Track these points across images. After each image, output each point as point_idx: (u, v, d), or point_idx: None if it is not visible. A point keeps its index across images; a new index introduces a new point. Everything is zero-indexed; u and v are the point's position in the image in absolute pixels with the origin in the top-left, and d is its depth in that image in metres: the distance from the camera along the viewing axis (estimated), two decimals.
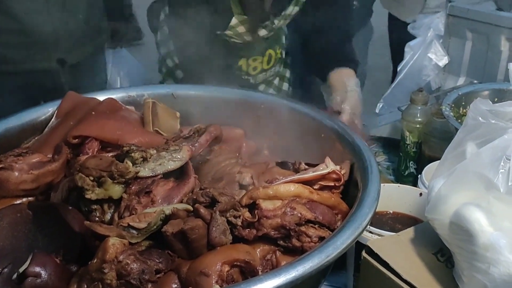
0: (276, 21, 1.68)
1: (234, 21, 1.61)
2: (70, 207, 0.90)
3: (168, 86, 1.34)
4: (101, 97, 1.23)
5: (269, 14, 1.66)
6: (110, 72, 1.94)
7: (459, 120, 1.44)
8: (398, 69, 2.03)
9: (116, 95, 1.26)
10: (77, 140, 1.07)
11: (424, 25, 1.98)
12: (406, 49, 2.03)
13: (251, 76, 1.79)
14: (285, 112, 1.25)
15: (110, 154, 1.01)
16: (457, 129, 1.32)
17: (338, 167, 1.02)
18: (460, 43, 1.93)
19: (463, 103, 1.52)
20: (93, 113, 1.12)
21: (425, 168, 1.33)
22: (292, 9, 1.69)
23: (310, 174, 1.00)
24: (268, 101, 1.30)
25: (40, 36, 1.63)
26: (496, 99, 1.52)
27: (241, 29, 1.64)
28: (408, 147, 1.57)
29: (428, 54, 1.95)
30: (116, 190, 0.90)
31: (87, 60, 1.77)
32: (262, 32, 1.67)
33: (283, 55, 1.85)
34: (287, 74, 1.92)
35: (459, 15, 1.91)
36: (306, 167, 1.06)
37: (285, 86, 1.92)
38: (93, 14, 1.74)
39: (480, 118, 0.83)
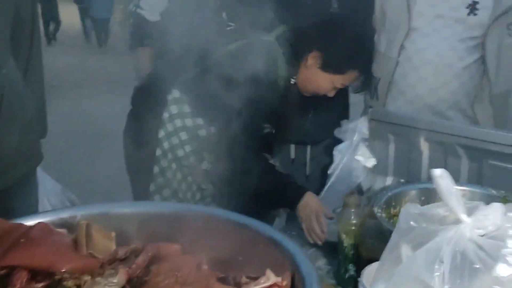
0: None
1: None
2: None
3: (102, 206, 1.31)
4: (31, 221, 1.18)
5: None
6: (40, 194, 1.87)
7: (391, 221, 1.49)
8: (329, 172, 2.09)
9: (47, 219, 1.21)
10: (4, 270, 1.01)
11: (350, 129, 2.09)
12: (335, 152, 2.11)
13: None
14: (222, 224, 1.25)
15: (41, 284, 0.95)
16: (389, 230, 1.37)
17: (279, 279, 1.01)
18: (384, 145, 2.04)
19: (393, 204, 1.58)
20: (22, 240, 1.07)
21: (364, 271, 1.34)
22: None
23: None
24: (204, 214, 1.30)
25: None
26: (423, 198, 1.60)
27: None
28: (346, 250, 1.59)
29: (356, 157, 2.04)
30: None
31: (18, 184, 1.71)
32: None
33: None
34: None
35: (380, 119, 2.03)
36: (248, 280, 1.05)
37: None
38: (26, 138, 1.71)
39: (411, 222, 0.86)
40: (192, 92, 1.94)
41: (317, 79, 1.93)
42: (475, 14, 2.08)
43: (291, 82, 1.94)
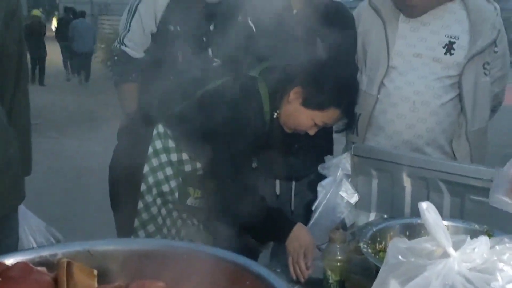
0: None
1: None
2: None
3: (84, 243, 1.28)
4: (10, 260, 1.15)
5: None
6: (21, 232, 1.83)
7: (377, 256, 1.48)
8: (313, 208, 2.09)
9: (26, 257, 1.17)
10: None
11: (333, 165, 2.09)
12: (319, 188, 2.11)
13: None
14: (208, 261, 1.23)
15: None
16: (376, 266, 1.36)
17: None
18: (367, 181, 2.05)
19: (379, 239, 1.57)
20: (0, 279, 1.04)
21: None
22: None
23: None
24: (189, 250, 1.28)
25: None
26: (407, 233, 1.60)
27: None
28: (331, 286, 1.58)
29: (340, 192, 2.04)
30: None
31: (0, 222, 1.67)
32: None
33: None
34: None
35: (363, 155, 2.05)
36: None
37: None
38: (6, 176, 1.67)
39: (400, 257, 0.86)
40: (177, 127, 1.94)
41: (298, 114, 1.94)
42: (451, 54, 2.14)
43: (274, 116, 1.95)
